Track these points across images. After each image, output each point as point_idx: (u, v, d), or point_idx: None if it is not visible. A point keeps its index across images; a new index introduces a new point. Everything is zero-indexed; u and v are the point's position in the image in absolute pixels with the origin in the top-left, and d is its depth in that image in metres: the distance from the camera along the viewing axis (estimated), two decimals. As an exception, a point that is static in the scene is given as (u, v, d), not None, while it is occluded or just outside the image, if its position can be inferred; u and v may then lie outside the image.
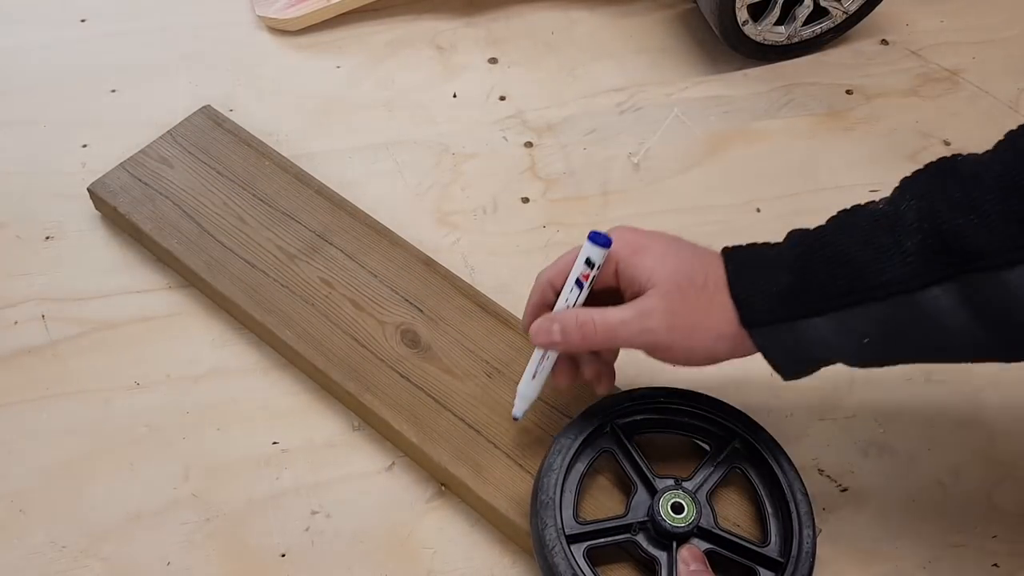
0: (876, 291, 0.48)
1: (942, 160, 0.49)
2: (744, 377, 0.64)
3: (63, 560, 0.59)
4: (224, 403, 0.66)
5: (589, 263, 0.54)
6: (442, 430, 0.62)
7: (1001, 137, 0.48)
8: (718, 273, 0.52)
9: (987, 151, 0.48)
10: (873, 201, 0.51)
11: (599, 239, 0.53)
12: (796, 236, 0.52)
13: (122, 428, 0.65)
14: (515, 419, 0.59)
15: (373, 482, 0.63)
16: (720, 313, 0.51)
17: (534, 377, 0.57)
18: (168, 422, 0.65)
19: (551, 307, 0.56)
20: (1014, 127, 0.48)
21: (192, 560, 0.59)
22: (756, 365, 0.53)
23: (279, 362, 0.68)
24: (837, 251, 0.49)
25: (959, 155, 0.48)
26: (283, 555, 0.60)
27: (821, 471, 0.64)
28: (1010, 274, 0.44)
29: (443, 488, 0.63)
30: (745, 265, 0.52)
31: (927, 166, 0.49)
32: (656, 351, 0.53)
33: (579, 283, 0.54)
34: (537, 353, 0.57)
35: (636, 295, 0.54)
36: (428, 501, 0.62)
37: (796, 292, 0.50)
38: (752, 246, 0.54)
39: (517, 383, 0.62)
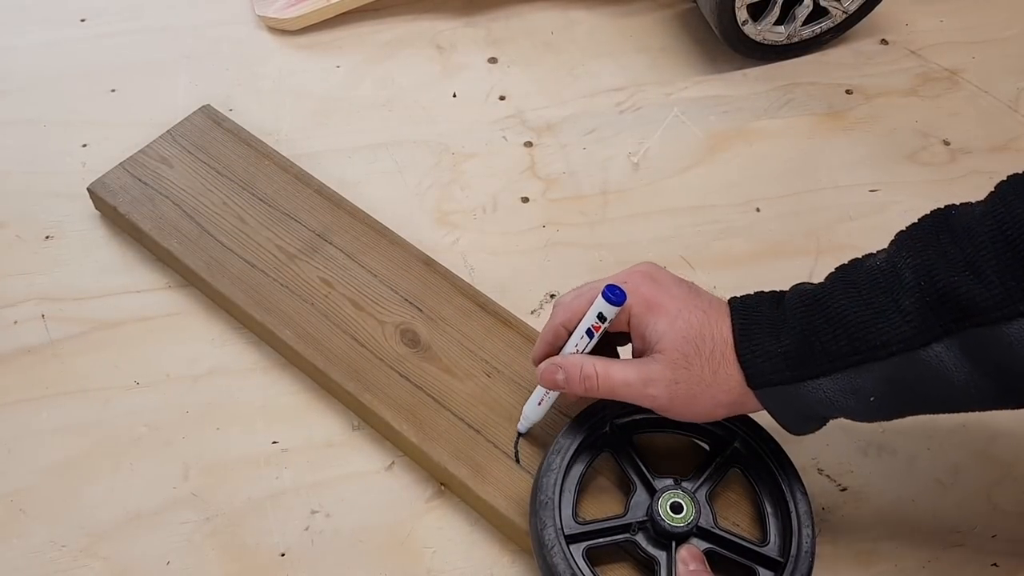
0: (878, 351, 0.48)
1: (936, 213, 0.50)
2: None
3: (63, 560, 0.59)
4: (224, 403, 0.66)
5: (601, 317, 0.54)
6: (442, 430, 0.62)
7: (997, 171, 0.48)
8: (725, 335, 0.53)
9: (980, 202, 0.49)
10: (871, 255, 0.51)
11: (613, 297, 0.53)
12: (797, 293, 0.53)
13: (122, 428, 0.65)
14: (519, 434, 0.61)
15: (373, 482, 0.63)
16: (723, 383, 0.52)
17: (540, 404, 0.59)
18: (168, 422, 0.65)
19: (561, 348, 0.57)
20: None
21: (192, 559, 0.59)
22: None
23: (279, 362, 0.68)
24: (837, 312, 0.50)
25: (953, 206, 0.49)
26: (283, 554, 0.60)
27: (821, 471, 0.64)
28: (1009, 328, 0.45)
29: (443, 488, 0.63)
30: (751, 327, 0.52)
31: (922, 220, 0.50)
32: (657, 411, 0.55)
33: (590, 332, 0.55)
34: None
35: (643, 351, 0.55)
36: (428, 500, 0.62)
37: (801, 354, 0.50)
38: (759, 299, 0.54)
39: (517, 382, 0.64)
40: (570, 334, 0.56)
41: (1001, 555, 0.60)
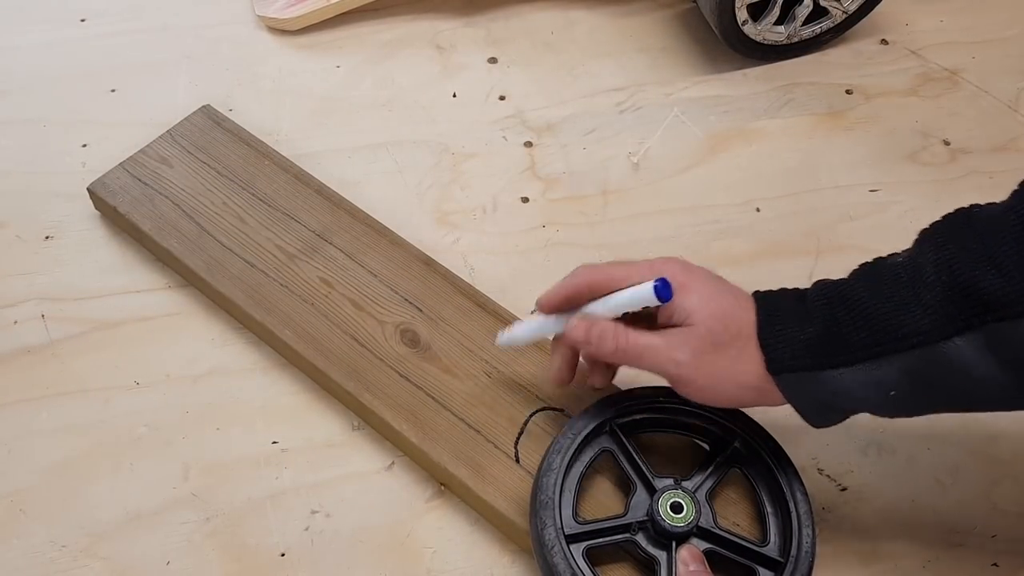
0: (899, 343, 0.48)
1: (959, 211, 0.50)
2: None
3: (63, 560, 0.59)
4: (224, 403, 0.66)
5: (641, 302, 0.54)
6: (442, 430, 0.62)
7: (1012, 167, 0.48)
8: (750, 320, 0.53)
9: (1004, 200, 0.49)
10: (895, 253, 0.52)
11: (664, 293, 0.53)
12: (820, 287, 0.53)
13: (122, 428, 0.65)
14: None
15: (373, 482, 0.63)
16: (747, 364, 0.52)
17: (531, 335, 0.60)
18: (168, 422, 0.65)
19: (578, 306, 0.57)
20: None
21: (192, 560, 0.59)
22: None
23: (279, 362, 0.68)
24: (859, 304, 0.50)
25: (976, 205, 0.50)
26: (283, 554, 0.60)
27: (821, 471, 0.64)
28: None
29: (443, 488, 0.63)
30: (774, 313, 0.53)
31: (944, 217, 0.50)
32: (679, 383, 0.54)
33: (625, 314, 0.55)
34: (543, 324, 0.59)
35: (671, 328, 0.55)
36: (428, 501, 0.62)
37: (822, 342, 0.51)
38: (783, 293, 0.54)
39: (517, 382, 0.64)
40: (589, 300, 0.56)
41: (1001, 555, 0.60)
